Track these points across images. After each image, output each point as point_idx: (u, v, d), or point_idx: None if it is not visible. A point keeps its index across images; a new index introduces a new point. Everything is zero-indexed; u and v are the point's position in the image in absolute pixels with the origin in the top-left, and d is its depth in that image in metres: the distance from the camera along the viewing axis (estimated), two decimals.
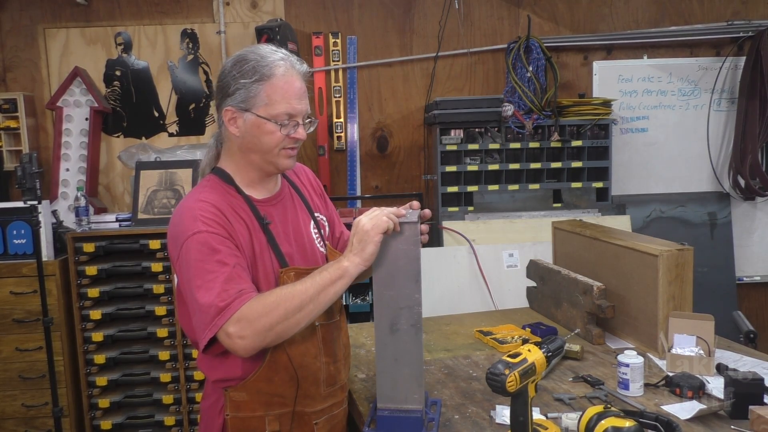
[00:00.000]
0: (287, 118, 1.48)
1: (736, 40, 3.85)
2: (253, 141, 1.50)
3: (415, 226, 1.44)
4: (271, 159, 1.52)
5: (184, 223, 1.43)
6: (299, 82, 1.50)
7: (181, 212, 1.47)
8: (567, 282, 2.26)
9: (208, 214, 1.44)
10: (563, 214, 3.56)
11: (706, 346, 1.87)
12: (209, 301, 1.36)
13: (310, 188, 1.75)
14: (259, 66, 1.47)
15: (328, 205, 1.80)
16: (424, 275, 1.46)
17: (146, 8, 3.71)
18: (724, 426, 1.53)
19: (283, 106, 1.47)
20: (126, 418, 3.22)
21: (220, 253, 1.40)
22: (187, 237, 1.41)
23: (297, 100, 1.49)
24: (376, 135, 3.87)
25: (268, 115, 1.47)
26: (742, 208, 3.96)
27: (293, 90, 1.48)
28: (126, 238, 3.18)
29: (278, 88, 1.47)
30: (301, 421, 1.54)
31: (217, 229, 1.42)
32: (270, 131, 1.48)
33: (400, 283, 1.45)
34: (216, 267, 1.38)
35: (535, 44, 3.65)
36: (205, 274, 1.38)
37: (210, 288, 1.37)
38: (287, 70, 1.48)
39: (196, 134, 3.79)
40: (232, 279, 1.38)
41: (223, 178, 1.55)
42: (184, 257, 1.41)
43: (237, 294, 1.37)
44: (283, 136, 1.49)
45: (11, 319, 3.13)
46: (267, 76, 1.46)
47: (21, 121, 3.53)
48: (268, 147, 1.50)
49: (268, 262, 1.50)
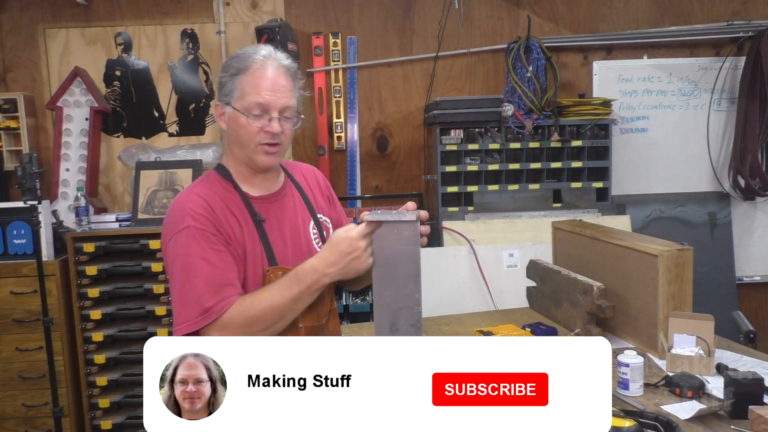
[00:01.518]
0: (259, 110, 1.48)
1: (736, 40, 3.84)
2: (234, 135, 1.53)
3: (414, 225, 1.43)
4: (249, 154, 1.53)
5: (175, 216, 1.48)
6: (278, 76, 1.50)
7: (174, 206, 1.51)
8: (567, 282, 2.26)
9: (198, 209, 1.46)
10: (563, 214, 3.56)
11: (706, 346, 1.87)
12: (193, 299, 1.40)
13: (316, 190, 1.75)
14: (239, 61, 1.51)
15: (335, 208, 1.79)
16: (424, 275, 1.46)
17: (146, 8, 3.71)
18: (724, 426, 1.53)
19: (253, 97, 1.48)
20: (126, 418, 3.22)
21: (206, 249, 1.43)
22: (176, 231, 1.45)
23: (269, 92, 1.48)
24: (376, 135, 3.87)
25: (241, 107, 1.49)
26: (742, 208, 3.96)
27: (265, 82, 1.48)
28: (126, 238, 3.18)
29: (250, 80, 1.49)
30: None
31: (206, 225, 1.45)
32: (243, 124, 1.49)
33: (400, 283, 1.45)
34: (200, 263, 1.42)
35: (535, 44, 3.65)
36: (189, 269, 1.42)
37: (194, 285, 1.41)
38: (263, 64, 1.50)
39: (196, 134, 3.79)
40: (215, 278, 1.41)
41: (222, 174, 1.58)
42: (171, 250, 1.45)
43: (219, 297, 1.40)
44: (258, 129, 1.49)
45: (11, 319, 3.13)
46: (242, 69, 1.50)
47: (21, 121, 3.53)
48: (245, 141, 1.51)
49: (258, 259, 1.52)
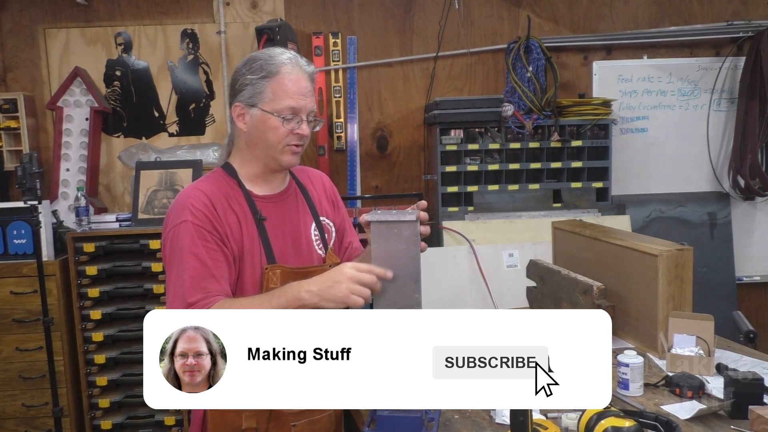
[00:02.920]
0: (291, 114, 1.54)
1: (735, 40, 3.84)
2: (259, 136, 1.56)
3: (414, 225, 1.43)
4: (275, 155, 1.57)
5: (176, 209, 1.52)
6: (305, 81, 1.57)
7: (177, 199, 1.55)
8: (567, 282, 2.26)
9: (198, 204, 1.50)
10: (563, 214, 3.55)
11: (706, 346, 1.87)
12: (179, 294, 1.44)
13: (322, 193, 1.78)
14: (267, 64, 1.55)
15: (340, 212, 1.81)
16: (424, 275, 1.46)
17: (146, 8, 3.71)
18: (724, 426, 1.54)
19: (287, 101, 1.53)
20: (126, 418, 3.22)
21: (198, 246, 1.46)
22: (174, 225, 1.49)
23: (301, 97, 1.54)
24: (376, 135, 3.87)
25: (273, 110, 1.53)
26: (742, 208, 3.96)
27: (298, 87, 1.54)
28: (126, 238, 3.18)
29: (283, 84, 1.53)
30: (279, 422, 1.55)
31: (203, 221, 1.48)
32: (274, 126, 1.54)
33: (400, 283, 1.45)
34: (191, 259, 1.45)
35: (535, 44, 3.64)
36: (179, 264, 1.46)
37: (180, 280, 1.44)
38: (293, 69, 1.55)
39: (196, 134, 3.79)
40: (201, 277, 1.44)
41: (228, 172, 1.61)
42: (168, 242, 1.50)
43: (204, 294, 1.43)
44: (287, 132, 1.55)
45: (11, 319, 3.13)
46: (273, 73, 1.54)
47: (21, 121, 3.52)
48: (273, 142, 1.55)
49: (257, 257, 1.54)
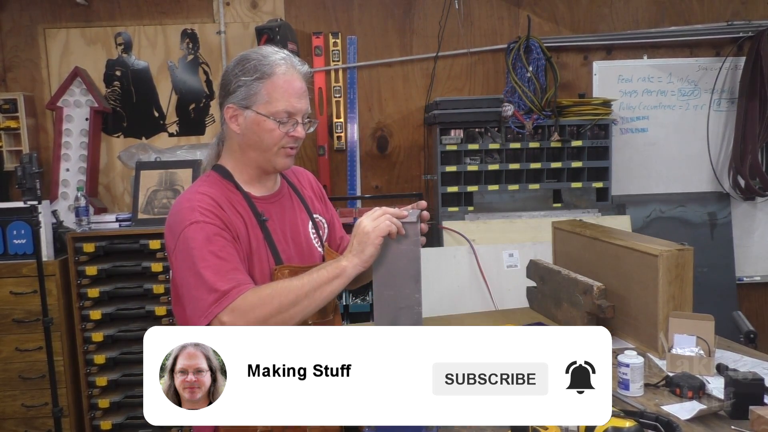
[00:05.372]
0: (286, 116, 1.50)
1: (736, 40, 3.84)
2: (253, 138, 1.52)
3: (415, 225, 1.43)
4: (270, 157, 1.54)
5: (182, 213, 1.46)
6: (299, 82, 1.53)
7: (179, 204, 1.49)
8: (567, 282, 2.26)
9: (205, 205, 1.46)
10: (563, 214, 3.55)
11: (706, 346, 1.87)
12: (206, 289, 1.37)
13: (310, 190, 1.76)
14: (261, 65, 1.50)
15: (328, 208, 1.80)
16: (424, 275, 1.46)
17: (146, 8, 3.71)
18: (724, 426, 1.53)
19: (282, 103, 1.49)
20: (126, 418, 3.22)
21: (215, 244, 1.42)
22: (185, 226, 1.43)
23: (296, 99, 1.51)
24: (376, 135, 3.87)
25: (268, 113, 1.49)
26: (742, 208, 3.95)
27: (293, 89, 1.51)
28: (126, 238, 3.17)
29: (278, 86, 1.49)
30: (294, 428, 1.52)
31: (214, 220, 1.44)
32: (269, 129, 1.50)
33: (400, 283, 1.44)
34: (210, 257, 1.40)
35: (535, 44, 3.64)
36: (200, 262, 1.40)
37: (205, 277, 1.38)
38: (288, 69, 1.51)
39: (196, 134, 3.79)
40: (227, 271, 1.40)
41: (222, 175, 1.57)
42: (181, 246, 1.43)
43: (233, 284, 1.38)
44: (283, 134, 1.51)
45: (11, 319, 3.13)
46: (268, 74, 1.49)
47: (21, 121, 3.52)
48: (268, 144, 1.52)
49: (264, 258, 1.51)
